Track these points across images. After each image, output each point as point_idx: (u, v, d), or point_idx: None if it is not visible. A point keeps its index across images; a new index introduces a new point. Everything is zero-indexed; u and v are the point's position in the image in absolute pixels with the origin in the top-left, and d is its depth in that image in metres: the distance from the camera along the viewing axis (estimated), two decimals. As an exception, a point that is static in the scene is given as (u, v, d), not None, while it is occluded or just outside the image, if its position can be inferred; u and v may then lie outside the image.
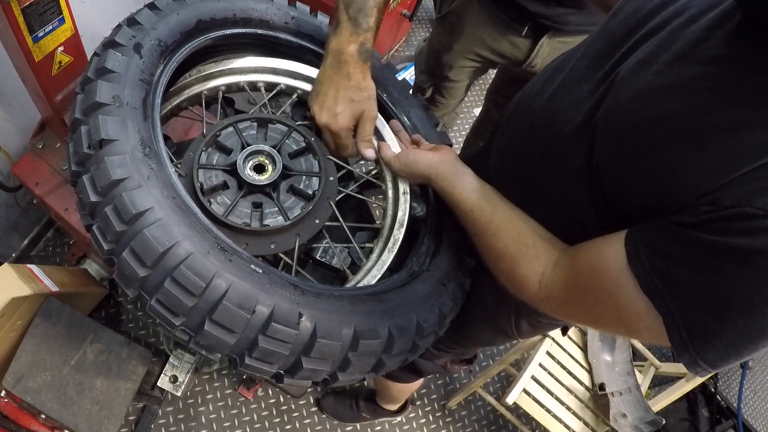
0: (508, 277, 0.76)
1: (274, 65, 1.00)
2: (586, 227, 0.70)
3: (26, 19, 1.00)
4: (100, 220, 0.64)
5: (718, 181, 0.51)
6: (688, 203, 0.53)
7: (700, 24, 0.58)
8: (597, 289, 0.63)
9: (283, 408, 1.96)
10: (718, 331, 0.52)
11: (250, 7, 0.95)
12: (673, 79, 0.58)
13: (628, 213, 0.62)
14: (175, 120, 1.03)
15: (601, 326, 0.75)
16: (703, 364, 0.54)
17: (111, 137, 0.66)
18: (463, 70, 1.70)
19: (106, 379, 1.45)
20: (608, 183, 0.64)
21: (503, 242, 0.76)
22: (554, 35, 1.40)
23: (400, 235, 0.90)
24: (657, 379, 2.02)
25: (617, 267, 0.59)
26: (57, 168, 1.44)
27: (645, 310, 0.57)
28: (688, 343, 0.54)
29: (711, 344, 0.53)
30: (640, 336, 0.63)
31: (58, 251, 2.00)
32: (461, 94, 1.90)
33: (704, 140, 0.53)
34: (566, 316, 0.78)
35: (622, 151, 0.61)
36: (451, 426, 2.11)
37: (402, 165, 0.90)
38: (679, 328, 0.54)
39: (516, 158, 0.85)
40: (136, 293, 0.64)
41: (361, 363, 0.69)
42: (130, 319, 1.96)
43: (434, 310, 0.79)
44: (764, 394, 2.76)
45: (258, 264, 0.67)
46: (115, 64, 0.73)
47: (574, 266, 0.67)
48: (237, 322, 0.62)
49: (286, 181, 0.87)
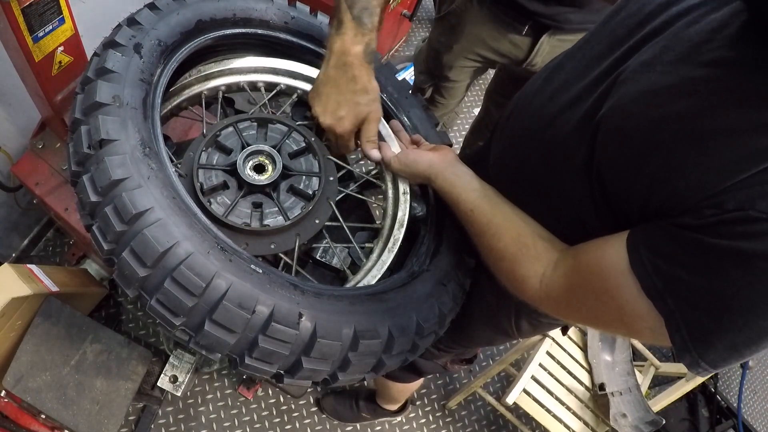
0: (508, 277, 0.76)
1: (274, 65, 1.00)
2: (586, 227, 0.70)
3: (26, 19, 1.00)
4: (100, 220, 0.64)
5: (721, 185, 0.51)
6: (690, 206, 0.53)
7: (704, 25, 0.58)
8: (598, 290, 0.63)
9: (283, 408, 1.96)
10: (719, 333, 0.53)
11: (250, 7, 0.95)
12: (676, 81, 0.57)
13: (629, 213, 0.62)
14: (175, 120, 1.03)
15: (602, 326, 0.75)
16: (704, 364, 0.55)
17: (111, 137, 0.66)
18: (463, 70, 1.70)
19: (106, 379, 1.45)
20: (609, 183, 0.64)
21: (503, 242, 0.76)
22: (554, 34, 1.40)
23: (400, 235, 0.90)
24: (657, 379, 2.02)
25: (619, 269, 0.59)
26: (57, 168, 1.44)
27: (646, 311, 0.57)
28: (689, 344, 0.54)
29: (712, 345, 0.53)
30: (641, 336, 0.63)
31: (58, 251, 2.00)
32: (461, 94, 1.90)
33: (707, 143, 0.53)
34: (567, 316, 0.78)
35: (625, 152, 0.61)
36: (451, 426, 2.11)
37: (402, 165, 0.90)
38: (680, 330, 0.54)
39: (516, 158, 0.85)
40: (136, 293, 0.64)
41: (361, 363, 0.70)
42: (130, 319, 1.96)
43: (434, 310, 0.79)
44: (764, 394, 2.76)
45: (258, 264, 0.67)
46: (115, 64, 0.73)
47: (575, 267, 0.67)
48: (237, 322, 0.62)
49: (286, 181, 0.87)
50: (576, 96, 0.72)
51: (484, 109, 2.02)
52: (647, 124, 0.58)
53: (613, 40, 0.71)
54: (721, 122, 0.52)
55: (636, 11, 0.69)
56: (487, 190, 0.82)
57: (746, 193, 0.49)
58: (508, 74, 1.78)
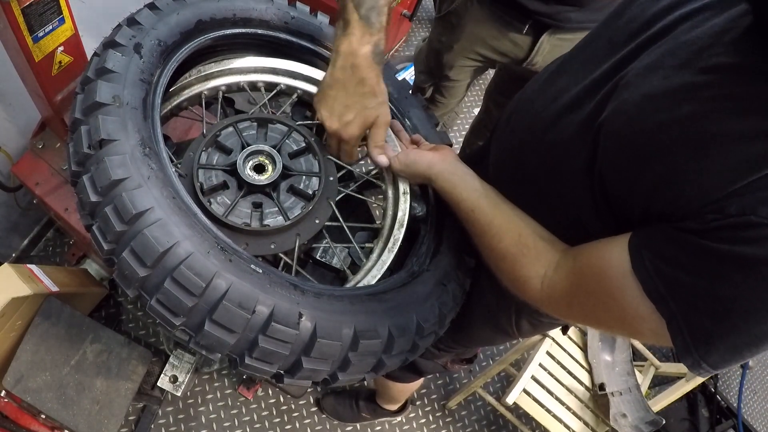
0: (509, 277, 0.76)
1: (274, 65, 1.00)
2: (587, 228, 0.70)
3: (26, 19, 1.00)
4: (100, 220, 0.64)
5: (723, 190, 0.51)
6: (692, 211, 0.53)
7: (706, 29, 0.58)
8: (600, 292, 0.63)
9: (283, 408, 1.96)
10: (721, 335, 0.53)
11: (250, 7, 0.95)
12: (678, 86, 0.57)
13: (631, 216, 0.62)
14: (175, 120, 1.03)
15: (604, 327, 0.75)
16: (706, 366, 0.55)
17: (111, 137, 0.66)
18: (464, 69, 1.70)
19: (106, 379, 1.45)
20: (611, 187, 0.64)
21: (504, 243, 0.76)
22: (555, 33, 1.40)
23: (400, 235, 0.90)
24: (657, 379, 2.02)
25: (620, 271, 0.59)
26: (57, 168, 1.44)
27: (648, 313, 0.57)
28: (691, 346, 0.54)
29: (714, 347, 0.54)
30: (642, 337, 0.64)
31: (58, 251, 2.00)
32: (461, 93, 1.90)
33: (709, 148, 0.53)
34: (568, 317, 0.78)
35: (627, 156, 0.61)
36: (451, 426, 2.11)
37: (402, 165, 0.90)
38: (682, 332, 0.55)
39: (516, 160, 0.85)
40: (136, 293, 0.64)
41: (361, 363, 0.69)
42: (130, 319, 1.96)
43: (434, 310, 0.79)
44: (764, 394, 2.76)
45: (258, 264, 0.67)
46: (115, 64, 0.73)
47: (576, 269, 0.67)
48: (237, 322, 0.62)
49: (286, 181, 0.87)
50: (577, 98, 0.72)
51: (484, 109, 2.02)
52: (649, 129, 0.58)
53: (615, 42, 0.71)
54: (723, 128, 0.52)
55: (637, 14, 0.69)
56: (488, 191, 0.82)
57: (748, 198, 0.49)
58: (509, 74, 1.78)
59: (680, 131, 0.55)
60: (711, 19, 0.59)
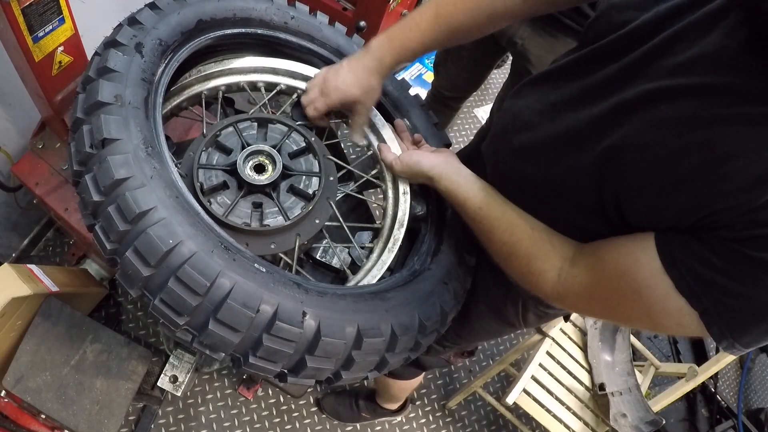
0: (522, 271, 0.76)
1: (274, 65, 1.00)
2: (592, 233, 0.70)
3: (26, 19, 1.00)
4: (103, 220, 0.64)
5: (752, 203, 0.52)
6: (724, 224, 0.54)
7: (703, 48, 0.58)
8: (625, 289, 0.63)
9: (283, 408, 1.96)
10: (755, 323, 0.56)
11: (250, 7, 0.95)
12: (687, 112, 0.57)
13: (655, 228, 0.62)
14: (175, 120, 1.03)
15: (625, 321, 0.76)
16: (739, 346, 0.58)
17: (113, 136, 0.66)
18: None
19: (106, 379, 1.45)
20: (630, 212, 0.64)
21: (517, 236, 0.75)
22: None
23: (400, 235, 0.90)
24: (657, 379, 2.02)
25: (649, 269, 0.60)
26: (57, 168, 1.43)
27: (677, 309, 0.59)
28: (726, 333, 0.57)
29: (748, 331, 0.56)
30: (665, 331, 0.66)
31: (58, 251, 2.00)
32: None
33: (730, 168, 0.53)
34: (585, 311, 0.78)
35: (648, 187, 0.60)
36: (451, 426, 2.11)
37: (404, 166, 0.90)
38: (717, 323, 0.57)
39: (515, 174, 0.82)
40: (139, 293, 0.64)
41: (364, 361, 0.70)
42: (130, 319, 1.96)
43: (436, 308, 0.79)
44: (764, 394, 2.77)
45: (262, 263, 0.67)
46: (116, 63, 0.73)
47: (597, 266, 0.67)
48: (241, 321, 0.62)
49: (286, 181, 0.87)
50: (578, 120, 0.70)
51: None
52: (666, 157, 0.58)
53: (602, 54, 0.70)
54: (740, 146, 0.53)
55: (619, 24, 0.68)
56: (492, 190, 0.82)
57: None
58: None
59: (698, 157, 0.55)
60: (704, 36, 0.58)
